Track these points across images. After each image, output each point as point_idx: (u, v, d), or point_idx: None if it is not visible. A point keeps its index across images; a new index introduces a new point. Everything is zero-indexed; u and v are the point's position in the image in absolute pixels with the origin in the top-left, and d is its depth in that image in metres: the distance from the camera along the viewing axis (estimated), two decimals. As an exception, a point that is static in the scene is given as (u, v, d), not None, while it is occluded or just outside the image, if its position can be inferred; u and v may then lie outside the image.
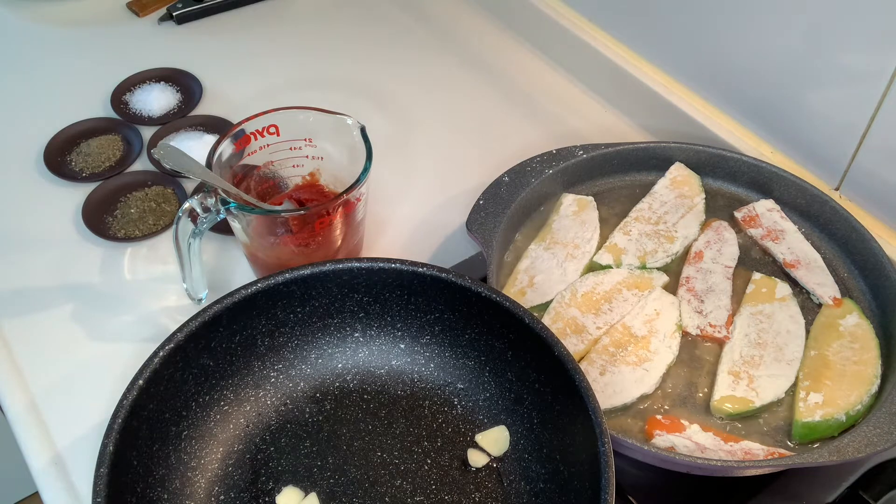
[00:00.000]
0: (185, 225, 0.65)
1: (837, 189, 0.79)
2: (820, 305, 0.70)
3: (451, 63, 1.01)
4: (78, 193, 0.83)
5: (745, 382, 0.64)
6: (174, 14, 1.05)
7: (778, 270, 0.73)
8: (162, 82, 0.95)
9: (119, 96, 0.94)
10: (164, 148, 0.65)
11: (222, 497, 0.59)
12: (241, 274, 0.77)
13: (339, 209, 0.67)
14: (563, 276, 0.71)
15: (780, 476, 0.63)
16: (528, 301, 0.69)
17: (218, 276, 0.77)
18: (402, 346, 0.65)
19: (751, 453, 0.60)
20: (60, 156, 0.87)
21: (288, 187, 0.75)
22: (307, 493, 0.59)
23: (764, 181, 0.77)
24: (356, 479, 0.60)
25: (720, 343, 0.67)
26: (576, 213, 0.76)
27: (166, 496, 0.56)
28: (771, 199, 0.77)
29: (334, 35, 1.05)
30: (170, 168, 0.64)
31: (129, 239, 0.79)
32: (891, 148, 0.72)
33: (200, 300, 0.71)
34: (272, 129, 0.71)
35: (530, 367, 0.60)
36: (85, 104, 0.93)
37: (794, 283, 0.71)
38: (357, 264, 0.61)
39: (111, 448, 0.52)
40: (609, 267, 0.72)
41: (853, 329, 0.67)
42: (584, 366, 0.64)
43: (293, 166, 0.74)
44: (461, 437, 0.62)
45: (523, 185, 0.74)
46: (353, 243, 0.73)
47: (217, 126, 0.90)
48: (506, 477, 0.60)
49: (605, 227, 0.76)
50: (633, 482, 0.63)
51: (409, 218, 0.83)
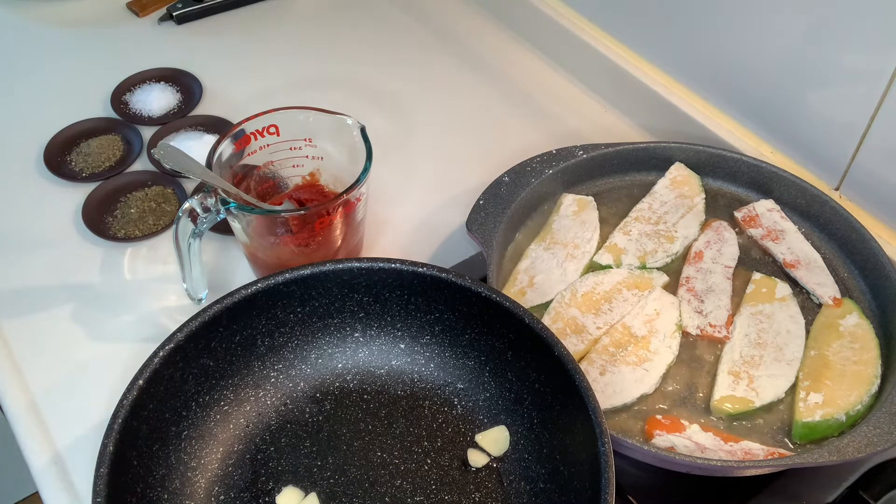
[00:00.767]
0: (185, 225, 0.65)
1: (837, 189, 0.79)
2: (820, 305, 0.70)
3: (451, 63, 1.01)
4: (78, 193, 0.83)
5: (745, 382, 0.64)
6: (174, 14, 1.05)
7: (778, 270, 0.73)
8: (162, 82, 0.95)
9: (119, 96, 0.94)
10: (164, 148, 0.65)
11: (222, 497, 0.59)
12: (241, 274, 0.77)
13: (339, 209, 0.67)
14: (563, 276, 0.71)
15: (780, 476, 0.63)
16: (528, 301, 0.69)
17: (218, 276, 0.77)
18: (402, 346, 0.65)
19: (751, 453, 0.60)
20: (60, 156, 0.87)
21: (288, 187, 0.75)
22: (307, 493, 0.59)
23: (764, 181, 0.77)
24: (356, 479, 0.60)
25: (720, 343, 0.67)
26: (576, 213, 0.76)
27: (166, 496, 0.56)
28: (771, 199, 0.77)
29: (334, 35, 1.05)
30: (170, 168, 0.64)
31: (129, 239, 0.79)
32: (891, 148, 0.72)
33: (200, 300, 0.71)
34: (272, 129, 0.71)
35: (530, 367, 0.60)
36: (85, 104, 0.93)
37: (794, 283, 0.71)
38: (357, 264, 0.61)
39: (111, 448, 0.52)
40: (609, 267, 0.72)
41: (853, 329, 0.67)
42: (584, 366, 0.64)
43: (293, 166, 0.74)
44: (461, 437, 0.62)
45: (523, 185, 0.74)
46: (353, 243, 0.73)
47: (217, 126, 0.90)
48: (506, 477, 0.60)
49: (605, 227, 0.76)
50: (633, 482, 0.63)
51: (409, 218, 0.83)
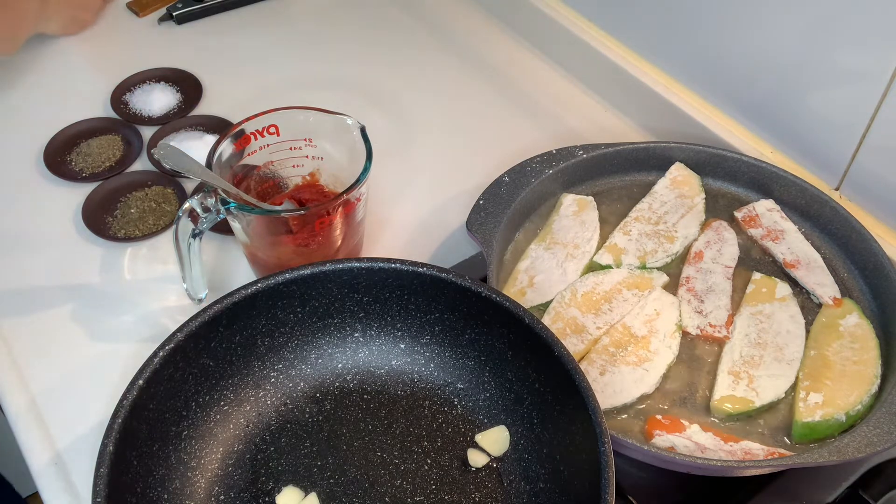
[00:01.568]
0: (185, 225, 0.65)
1: (837, 189, 0.79)
2: (820, 305, 0.70)
3: (451, 63, 1.01)
4: (78, 193, 0.83)
5: (745, 382, 0.64)
6: (174, 14, 1.05)
7: (778, 270, 0.73)
8: (162, 82, 0.95)
9: (119, 96, 0.94)
10: (164, 148, 0.65)
11: (222, 497, 0.59)
12: (241, 274, 0.77)
13: (339, 209, 0.67)
14: (563, 276, 0.71)
15: (780, 476, 0.63)
16: (528, 301, 0.69)
17: (218, 276, 0.77)
18: (402, 346, 0.65)
19: (751, 453, 0.60)
20: (60, 156, 0.87)
21: (288, 187, 0.75)
22: (307, 493, 0.59)
23: (764, 181, 0.77)
24: (356, 479, 0.60)
25: (720, 343, 0.67)
26: (576, 213, 0.76)
27: (166, 496, 0.56)
28: (771, 199, 0.77)
29: (334, 35, 1.05)
30: (170, 168, 0.64)
31: (129, 239, 0.79)
32: (891, 148, 0.72)
33: (200, 300, 0.71)
34: (272, 129, 0.71)
35: (530, 367, 0.60)
36: (85, 104, 0.94)
37: (794, 283, 0.71)
38: (357, 264, 0.61)
39: (111, 448, 0.52)
40: (609, 267, 0.72)
41: (853, 329, 0.67)
42: (584, 366, 0.64)
43: (293, 166, 0.74)
44: (461, 437, 0.62)
45: (523, 185, 0.74)
46: (353, 243, 0.73)
47: (217, 126, 0.90)
48: (506, 477, 0.60)
49: (605, 227, 0.76)
50: (633, 482, 0.63)
51: (409, 218, 0.83)
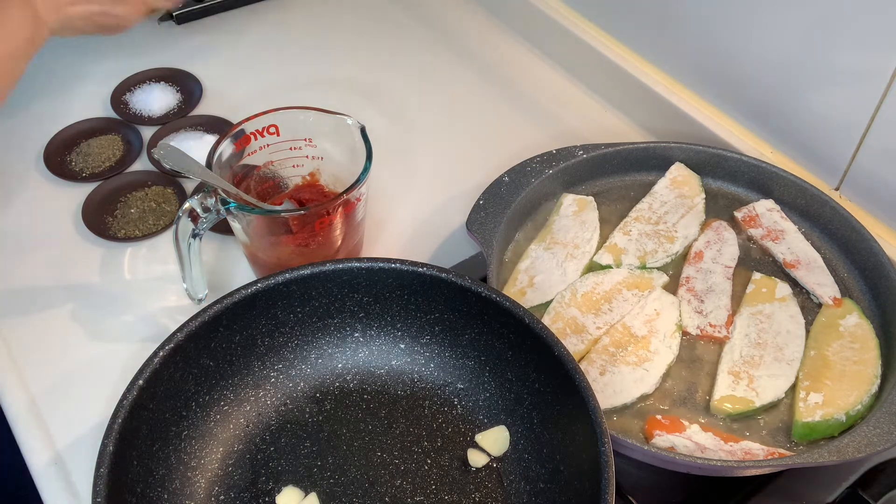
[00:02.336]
0: (185, 225, 0.65)
1: (837, 189, 0.79)
2: (820, 305, 0.70)
3: (451, 63, 1.01)
4: (78, 193, 0.83)
5: (745, 382, 0.64)
6: (174, 14, 1.05)
7: (778, 270, 0.73)
8: (162, 82, 0.95)
9: (119, 96, 0.94)
10: (164, 148, 0.65)
11: (222, 497, 0.59)
12: (241, 274, 0.77)
13: (339, 209, 0.67)
14: (563, 276, 0.71)
15: (780, 476, 0.63)
16: (528, 301, 0.69)
17: (218, 276, 0.77)
18: (402, 346, 0.65)
19: (751, 453, 0.60)
20: (60, 156, 0.87)
21: (288, 187, 0.75)
22: (307, 493, 0.59)
23: (764, 181, 0.77)
24: (356, 479, 0.60)
25: (720, 343, 0.67)
26: (576, 213, 0.76)
27: (166, 496, 0.56)
28: (771, 199, 0.77)
29: (334, 35, 1.05)
30: (170, 168, 0.64)
31: (129, 239, 0.79)
32: (891, 148, 0.72)
33: (200, 300, 0.71)
34: (272, 129, 0.71)
35: (530, 367, 0.60)
36: (85, 104, 0.93)
37: (794, 283, 0.71)
38: (357, 264, 0.61)
39: (111, 448, 0.52)
40: (609, 267, 0.72)
41: (853, 329, 0.67)
42: (584, 366, 0.64)
43: (293, 166, 0.74)
44: (461, 437, 0.62)
45: (523, 185, 0.74)
46: (353, 243, 0.73)
47: (217, 126, 0.90)
48: (506, 477, 0.60)
49: (605, 227, 0.76)
50: (633, 482, 0.63)
51: (409, 218, 0.83)
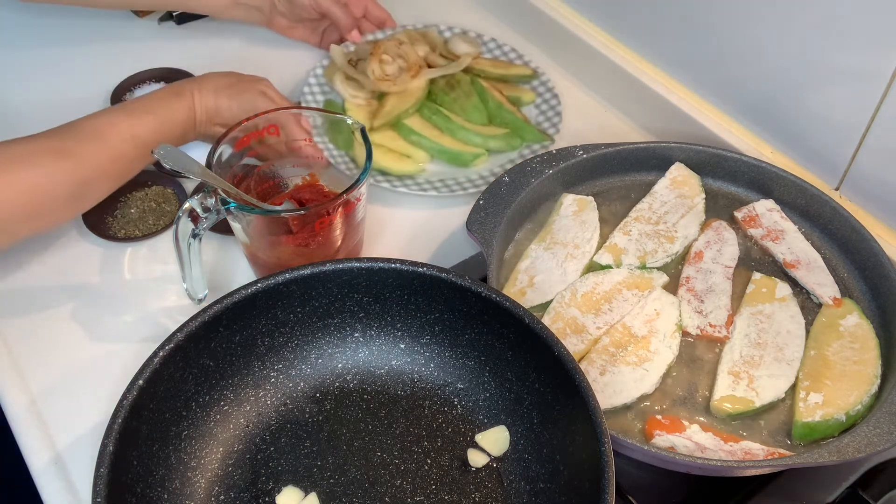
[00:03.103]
0: (185, 225, 0.65)
1: (837, 189, 0.79)
2: (820, 305, 0.70)
3: (451, 63, 1.01)
4: (78, 193, 0.83)
5: (745, 382, 0.64)
6: (174, 14, 1.05)
7: (778, 270, 0.73)
8: (162, 82, 0.95)
9: (119, 96, 0.94)
10: (164, 148, 0.65)
11: (222, 497, 0.59)
12: (241, 274, 0.77)
13: (339, 209, 0.67)
14: (563, 276, 0.71)
15: (780, 476, 0.63)
16: (528, 301, 0.69)
17: (218, 276, 0.77)
18: (402, 346, 0.65)
19: (751, 453, 0.60)
20: (60, 156, 0.87)
21: (288, 187, 0.75)
22: (307, 493, 0.59)
23: (764, 181, 0.77)
24: (356, 479, 0.60)
25: (720, 343, 0.67)
26: (576, 213, 0.76)
27: (166, 496, 0.56)
28: (771, 199, 0.77)
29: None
30: (170, 168, 0.64)
31: (129, 239, 0.79)
32: (891, 148, 0.72)
33: (200, 300, 0.71)
34: (272, 129, 0.71)
35: (530, 367, 0.60)
36: (85, 104, 0.93)
37: (794, 283, 0.71)
38: (357, 264, 0.61)
39: (111, 448, 0.52)
40: (609, 267, 0.72)
41: (853, 329, 0.67)
42: (584, 366, 0.64)
43: (293, 166, 0.74)
44: (461, 437, 0.62)
45: (523, 185, 0.74)
46: (353, 243, 0.73)
47: (217, 126, 0.90)
48: (506, 477, 0.60)
49: (605, 227, 0.76)
50: (633, 482, 0.63)
51: (409, 218, 0.83)
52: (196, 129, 0.79)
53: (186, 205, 0.64)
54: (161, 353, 0.56)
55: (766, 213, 0.76)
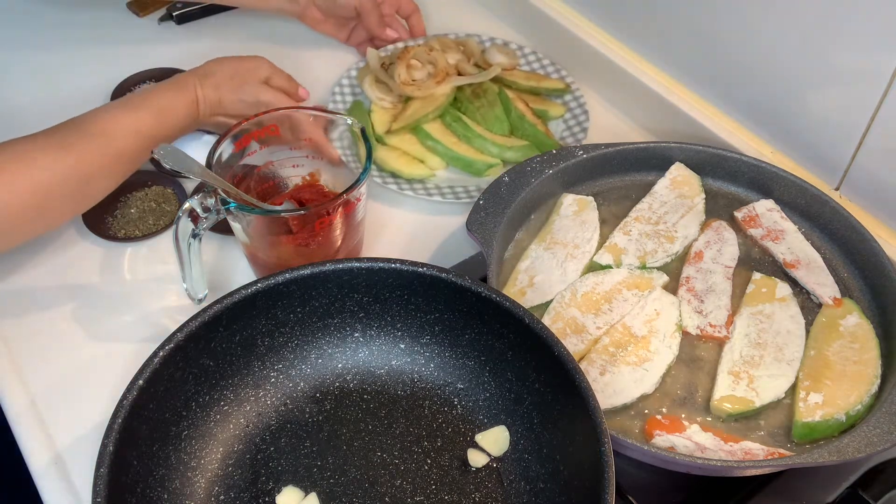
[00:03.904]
0: (185, 225, 0.65)
1: (837, 189, 0.79)
2: (820, 305, 0.70)
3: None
4: (78, 193, 0.83)
5: (745, 382, 0.64)
6: (174, 14, 1.05)
7: (778, 270, 0.73)
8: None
9: (119, 96, 0.94)
10: (164, 148, 0.65)
11: (222, 497, 0.59)
12: (241, 274, 0.77)
13: (339, 209, 0.67)
14: (563, 276, 0.71)
15: (780, 476, 0.63)
16: (528, 301, 0.69)
17: (218, 276, 0.77)
18: (402, 346, 0.65)
19: (751, 453, 0.60)
20: (60, 156, 0.87)
21: (288, 187, 0.75)
22: (307, 493, 0.59)
23: (764, 181, 0.77)
24: (356, 479, 0.60)
25: (720, 343, 0.67)
26: (576, 213, 0.76)
27: (166, 496, 0.56)
28: (771, 199, 0.77)
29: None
30: (170, 168, 0.64)
31: (129, 239, 0.79)
32: (891, 148, 0.72)
33: (200, 300, 0.71)
34: (272, 129, 0.71)
35: (530, 367, 0.60)
36: (85, 104, 0.93)
37: (794, 283, 0.71)
38: (357, 264, 0.61)
39: (111, 448, 0.52)
40: (609, 267, 0.72)
41: (853, 329, 0.67)
42: (584, 366, 0.64)
43: (293, 166, 0.74)
44: (461, 437, 0.62)
45: (523, 185, 0.74)
46: (353, 243, 0.73)
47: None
48: (506, 477, 0.60)
49: (605, 227, 0.76)
50: (633, 482, 0.63)
51: (410, 218, 0.83)
52: (199, 121, 0.79)
53: (186, 205, 0.64)
54: (161, 353, 0.56)
55: (766, 213, 0.76)
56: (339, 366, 0.65)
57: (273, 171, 0.74)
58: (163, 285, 0.76)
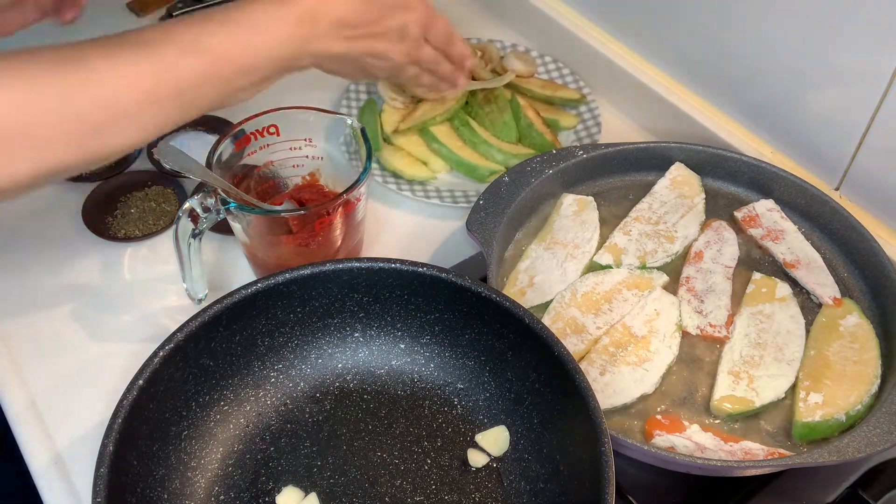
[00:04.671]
0: (185, 225, 0.65)
1: (837, 189, 0.79)
2: (820, 305, 0.70)
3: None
4: (78, 193, 0.82)
5: (745, 382, 0.64)
6: (174, 14, 1.05)
7: (778, 270, 0.73)
8: (162, 82, 0.95)
9: (119, 96, 0.94)
10: (164, 148, 0.65)
11: (222, 497, 0.59)
12: (241, 274, 0.77)
13: (339, 209, 0.67)
14: (563, 276, 0.71)
15: (780, 476, 0.63)
16: (528, 301, 0.69)
17: (218, 276, 0.77)
18: (402, 346, 0.65)
19: (751, 453, 0.60)
20: (60, 156, 0.87)
21: (288, 187, 0.75)
22: (307, 493, 0.59)
23: (764, 181, 0.77)
24: (356, 479, 0.60)
25: (720, 343, 0.67)
26: (576, 213, 0.76)
27: (166, 496, 0.56)
28: (771, 199, 0.77)
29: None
30: (170, 168, 0.64)
31: (129, 239, 0.79)
32: (891, 148, 0.72)
33: (200, 300, 0.71)
34: (272, 129, 0.71)
35: (530, 367, 0.60)
36: (85, 104, 0.93)
37: (794, 283, 0.71)
38: (357, 264, 0.61)
39: (111, 448, 0.52)
40: (609, 267, 0.72)
41: (853, 329, 0.67)
42: (584, 366, 0.64)
43: (293, 166, 0.74)
44: (461, 437, 0.62)
45: (523, 185, 0.74)
46: (353, 243, 0.73)
47: (217, 126, 0.90)
48: (506, 477, 0.60)
49: (605, 227, 0.76)
50: (633, 482, 0.63)
51: (410, 218, 0.83)
52: (310, 46, 0.60)
53: (186, 205, 0.64)
54: (161, 353, 0.56)
55: (766, 213, 0.76)
56: (339, 366, 0.65)
57: (273, 171, 0.74)
58: (163, 285, 0.76)
